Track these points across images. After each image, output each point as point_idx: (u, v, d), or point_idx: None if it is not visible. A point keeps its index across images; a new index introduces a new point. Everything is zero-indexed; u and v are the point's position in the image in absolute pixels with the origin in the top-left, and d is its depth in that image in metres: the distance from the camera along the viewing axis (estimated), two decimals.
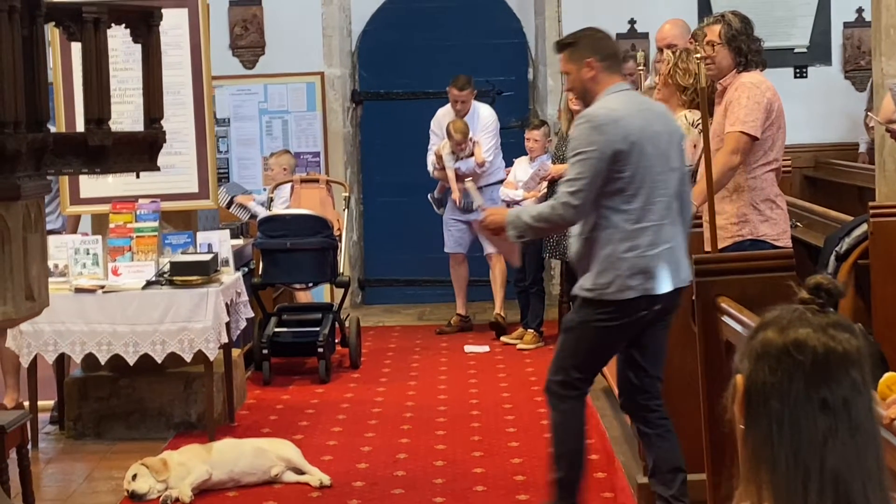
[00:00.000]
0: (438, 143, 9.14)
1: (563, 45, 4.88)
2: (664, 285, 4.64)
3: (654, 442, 4.84)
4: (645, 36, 10.06)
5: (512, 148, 9.64)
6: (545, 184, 8.45)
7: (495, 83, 10.45)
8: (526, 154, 8.88)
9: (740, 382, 1.84)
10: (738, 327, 3.51)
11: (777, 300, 1.86)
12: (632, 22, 10.21)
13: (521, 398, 7.24)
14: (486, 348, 8.68)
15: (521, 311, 8.91)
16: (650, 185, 4.61)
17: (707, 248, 5.19)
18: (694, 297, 3.94)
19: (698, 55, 4.75)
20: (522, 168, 8.77)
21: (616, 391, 6.32)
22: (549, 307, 9.24)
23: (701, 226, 5.25)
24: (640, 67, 5.33)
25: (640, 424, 4.92)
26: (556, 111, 9.86)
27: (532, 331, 8.72)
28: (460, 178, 8.92)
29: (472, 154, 8.94)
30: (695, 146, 5.61)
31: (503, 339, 8.84)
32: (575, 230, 4.78)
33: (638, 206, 4.60)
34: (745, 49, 5.32)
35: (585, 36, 4.86)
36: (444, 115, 9.26)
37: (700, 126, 5.62)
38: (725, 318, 3.70)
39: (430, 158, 9.17)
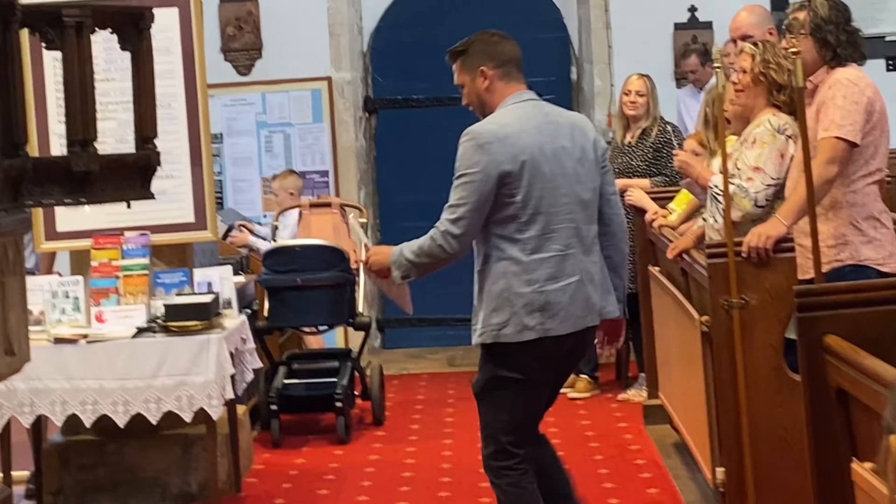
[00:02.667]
0: None
1: (454, 54, 4.97)
2: (568, 324, 4.71)
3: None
4: (708, 26, 10.03)
5: None
6: None
7: (533, 85, 10.35)
8: None
9: (895, 444, 1.77)
10: (852, 372, 3.44)
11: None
12: (692, 10, 10.17)
13: (576, 456, 7.15)
14: None
15: None
16: (549, 209, 4.69)
17: (801, 275, 5.13)
18: (796, 337, 3.87)
19: (793, 49, 4.69)
20: None
21: (689, 443, 6.27)
22: None
23: (793, 250, 5.19)
24: (717, 65, 5.26)
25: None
26: (606, 116, 9.83)
27: (585, 376, 8.66)
28: None
29: None
30: (781, 156, 5.55)
31: None
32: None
33: (534, 234, 4.68)
34: (834, 41, 5.26)
35: (477, 41, 4.95)
36: None
37: (787, 131, 5.56)
38: (835, 361, 3.62)
39: None
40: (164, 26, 6.47)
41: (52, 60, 6.14)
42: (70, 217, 6.55)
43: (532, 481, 4.84)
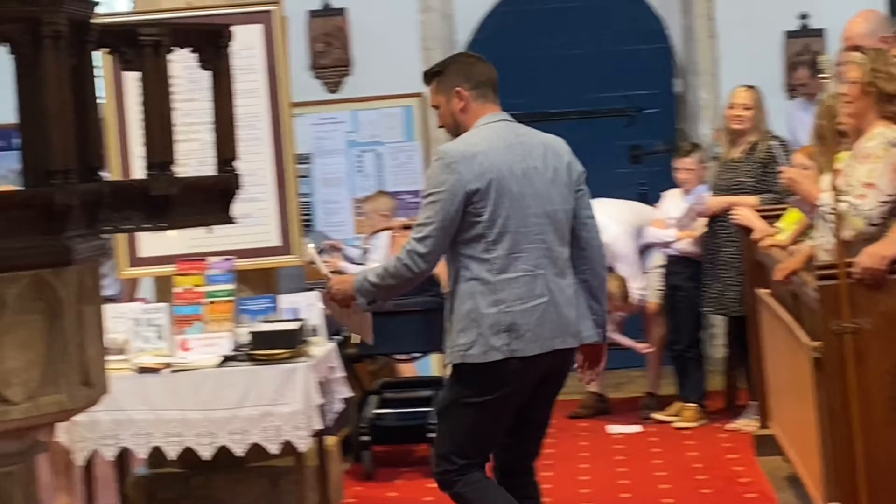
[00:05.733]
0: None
1: (430, 75, 5.20)
2: (536, 346, 4.86)
3: None
4: (820, 33, 9.93)
5: (659, 178, 9.56)
6: (702, 221, 8.34)
7: (634, 98, 10.39)
8: (676, 185, 8.78)
9: None
10: None
11: None
12: (803, 17, 10.07)
13: (682, 488, 7.13)
14: (636, 428, 8.59)
15: (678, 380, 8.78)
16: (517, 229, 4.88)
17: None
18: None
19: None
20: (674, 203, 8.67)
21: (802, 476, 6.19)
22: (714, 374, 9.11)
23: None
24: (825, 75, 5.21)
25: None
26: (712, 131, 9.76)
27: (693, 405, 8.59)
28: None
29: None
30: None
31: (656, 416, 8.72)
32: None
33: (502, 254, 4.87)
34: None
35: (454, 62, 5.22)
36: None
37: None
38: None
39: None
40: (248, 44, 6.54)
41: (134, 81, 6.23)
42: (153, 242, 6.63)
43: (485, 477, 5.07)
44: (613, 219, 8.73)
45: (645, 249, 8.89)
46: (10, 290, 3.29)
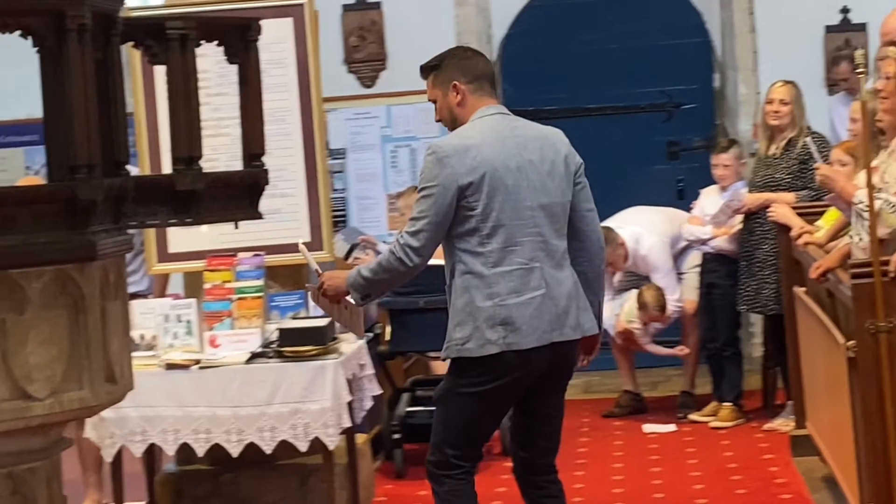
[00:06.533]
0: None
1: (427, 69, 5.26)
2: (533, 339, 4.90)
3: None
4: (862, 28, 9.87)
5: (697, 175, 9.54)
6: (739, 218, 8.32)
7: (672, 94, 10.37)
8: (713, 182, 8.76)
9: None
10: None
11: None
12: (844, 11, 10.02)
13: (716, 489, 7.12)
14: (671, 427, 8.58)
15: (714, 379, 8.76)
16: (512, 222, 4.94)
17: None
18: None
19: None
20: (711, 200, 8.65)
21: (838, 477, 6.18)
22: (751, 373, 9.09)
23: None
24: (860, 70, 5.19)
25: (527, 500, 5.28)
26: (751, 126, 9.73)
27: (729, 404, 8.57)
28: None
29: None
30: None
31: (692, 416, 8.71)
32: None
33: (496, 248, 4.94)
34: None
35: (451, 56, 5.25)
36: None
37: None
38: None
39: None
40: (278, 38, 6.57)
41: (164, 75, 6.26)
42: (183, 238, 6.66)
43: (472, 492, 5.12)
44: (648, 229, 8.73)
45: (681, 253, 8.88)
46: (33, 286, 3.32)
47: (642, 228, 8.76)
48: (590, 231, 5.15)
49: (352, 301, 5.22)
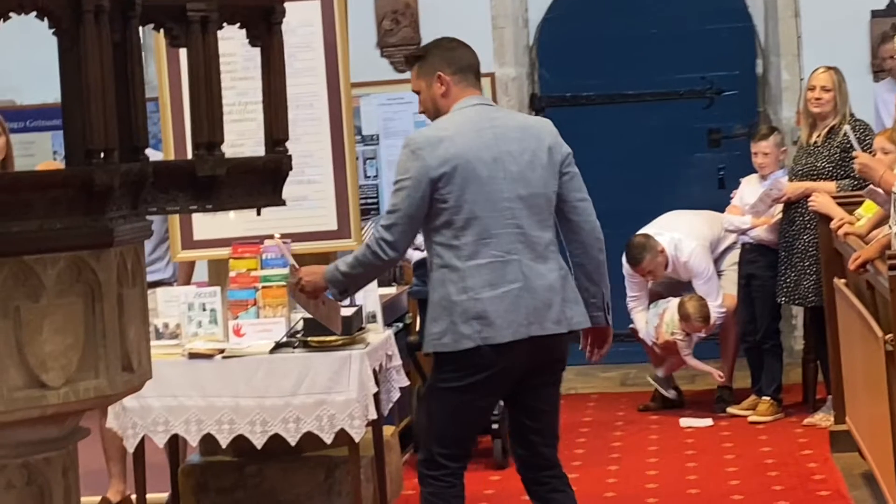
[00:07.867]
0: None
1: (411, 60, 5.32)
2: (508, 332, 4.86)
3: None
4: None
5: (737, 163, 9.52)
6: (779, 207, 8.29)
7: (713, 80, 10.34)
8: (755, 171, 8.73)
9: None
10: None
11: None
12: None
13: (752, 484, 7.10)
14: (708, 422, 8.57)
15: (753, 373, 8.75)
16: (487, 214, 4.95)
17: None
18: None
19: None
20: (751, 189, 8.62)
21: (876, 474, 6.16)
22: (790, 367, 9.05)
23: None
24: None
25: (533, 499, 5.32)
26: (794, 114, 9.69)
27: (768, 398, 8.55)
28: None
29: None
30: None
31: (730, 409, 8.69)
32: None
33: (470, 240, 4.95)
34: None
35: (435, 47, 5.30)
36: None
37: None
38: None
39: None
40: (305, 20, 6.55)
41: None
42: (208, 225, 6.66)
43: (458, 497, 5.15)
44: (687, 234, 8.71)
45: (720, 256, 8.87)
46: (48, 272, 3.33)
47: (681, 234, 8.73)
48: (583, 221, 5.12)
49: (330, 297, 5.27)
